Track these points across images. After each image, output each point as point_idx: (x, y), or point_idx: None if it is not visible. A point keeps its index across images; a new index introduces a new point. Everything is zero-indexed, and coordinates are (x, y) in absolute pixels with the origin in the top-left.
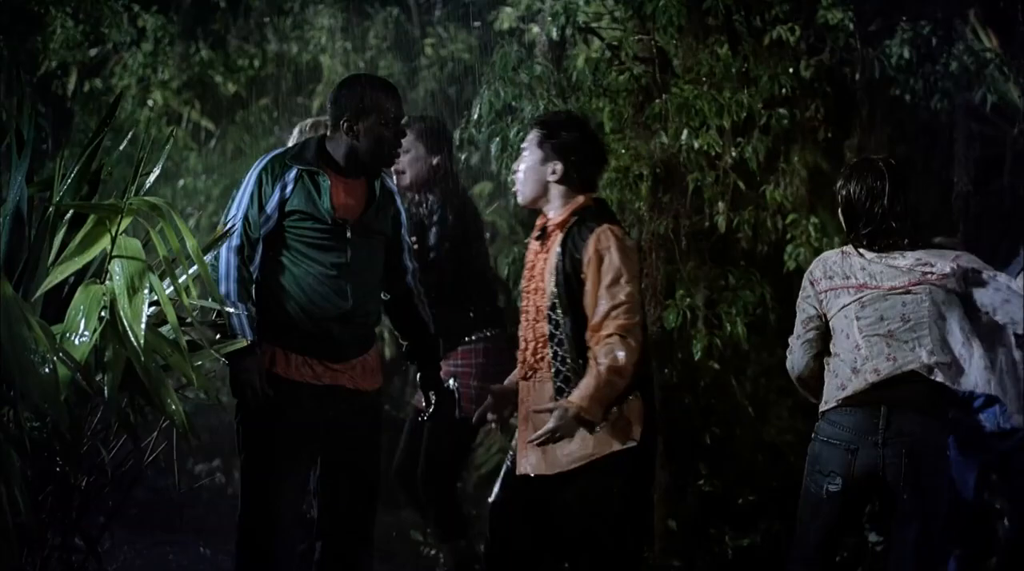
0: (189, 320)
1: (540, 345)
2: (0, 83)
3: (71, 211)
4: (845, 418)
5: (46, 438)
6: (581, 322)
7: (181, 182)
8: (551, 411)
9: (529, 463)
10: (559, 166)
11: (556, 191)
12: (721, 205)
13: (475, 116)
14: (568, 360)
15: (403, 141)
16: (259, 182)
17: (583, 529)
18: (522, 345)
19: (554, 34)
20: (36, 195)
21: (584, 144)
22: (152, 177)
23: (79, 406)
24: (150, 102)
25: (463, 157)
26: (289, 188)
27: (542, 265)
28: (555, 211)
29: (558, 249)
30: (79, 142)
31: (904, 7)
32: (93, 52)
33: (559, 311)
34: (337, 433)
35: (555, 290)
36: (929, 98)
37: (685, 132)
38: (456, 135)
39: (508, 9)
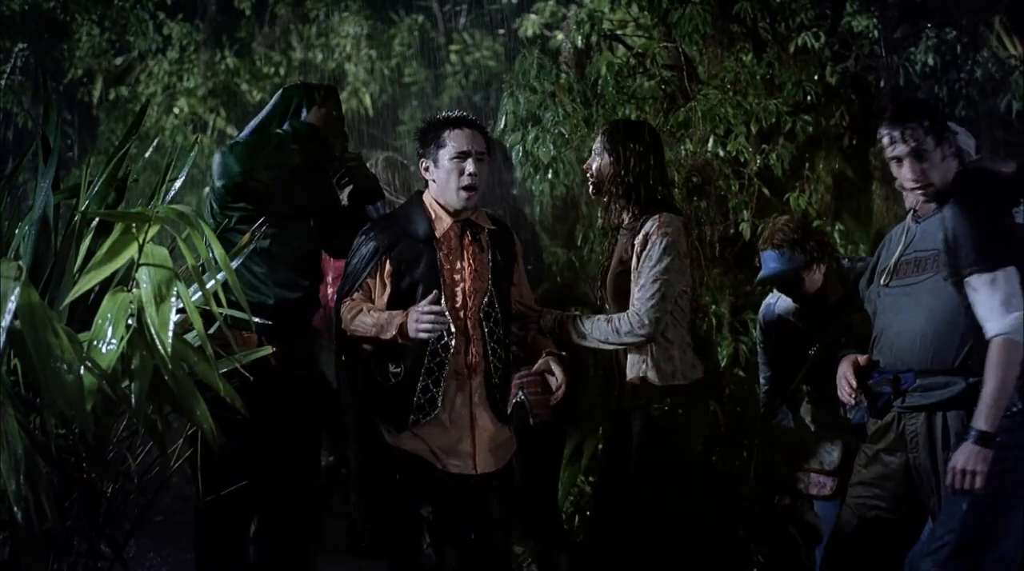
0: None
1: None
2: (26, 90)
3: (97, 219)
4: None
5: (72, 445)
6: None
7: (206, 190)
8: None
9: (482, 462)
10: None
11: None
12: (746, 212)
13: (500, 125)
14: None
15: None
16: None
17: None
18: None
19: (579, 41)
20: (62, 203)
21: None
22: (178, 184)
23: (105, 413)
24: (176, 109)
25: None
26: None
27: None
28: None
29: None
30: (105, 149)
31: (929, 14)
32: (119, 60)
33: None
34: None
35: None
36: (954, 105)
37: (711, 139)
38: None
39: (533, 16)
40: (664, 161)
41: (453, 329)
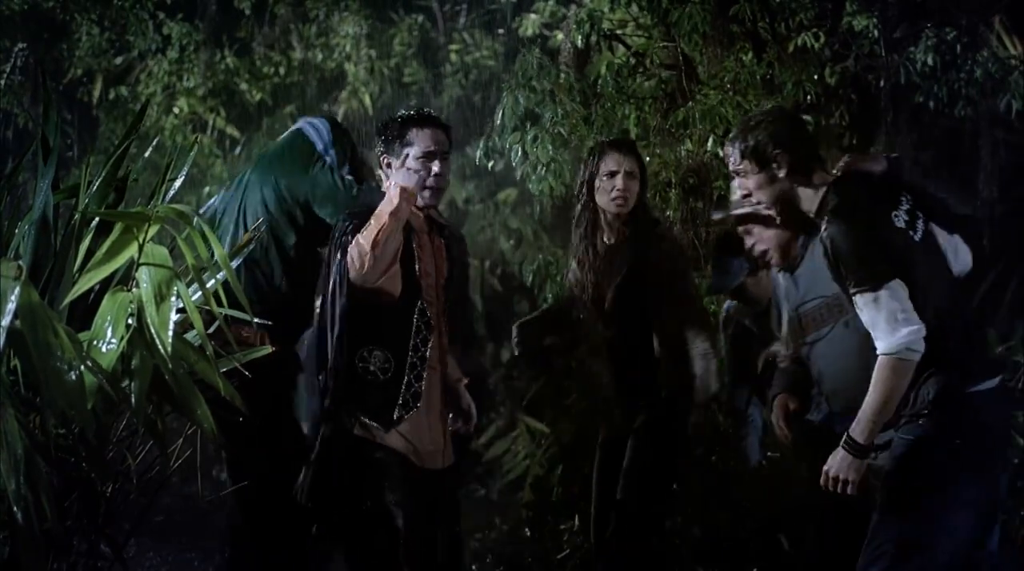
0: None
1: None
2: (26, 90)
3: (97, 218)
4: None
5: (72, 445)
6: None
7: (206, 189)
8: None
9: (447, 455)
10: None
11: None
12: None
13: (497, 123)
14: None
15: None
16: None
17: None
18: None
19: (579, 41)
20: (62, 202)
21: None
22: (177, 184)
23: (105, 413)
24: (175, 109)
25: (488, 165)
26: None
27: None
28: None
29: None
30: (105, 149)
31: (929, 13)
32: (119, 59)
33: None
34: None
35: None
36: (953, 105)
37: (710, 140)
38: (480, 142)
39: (533, 16)
40: None
41: (432, 323)
